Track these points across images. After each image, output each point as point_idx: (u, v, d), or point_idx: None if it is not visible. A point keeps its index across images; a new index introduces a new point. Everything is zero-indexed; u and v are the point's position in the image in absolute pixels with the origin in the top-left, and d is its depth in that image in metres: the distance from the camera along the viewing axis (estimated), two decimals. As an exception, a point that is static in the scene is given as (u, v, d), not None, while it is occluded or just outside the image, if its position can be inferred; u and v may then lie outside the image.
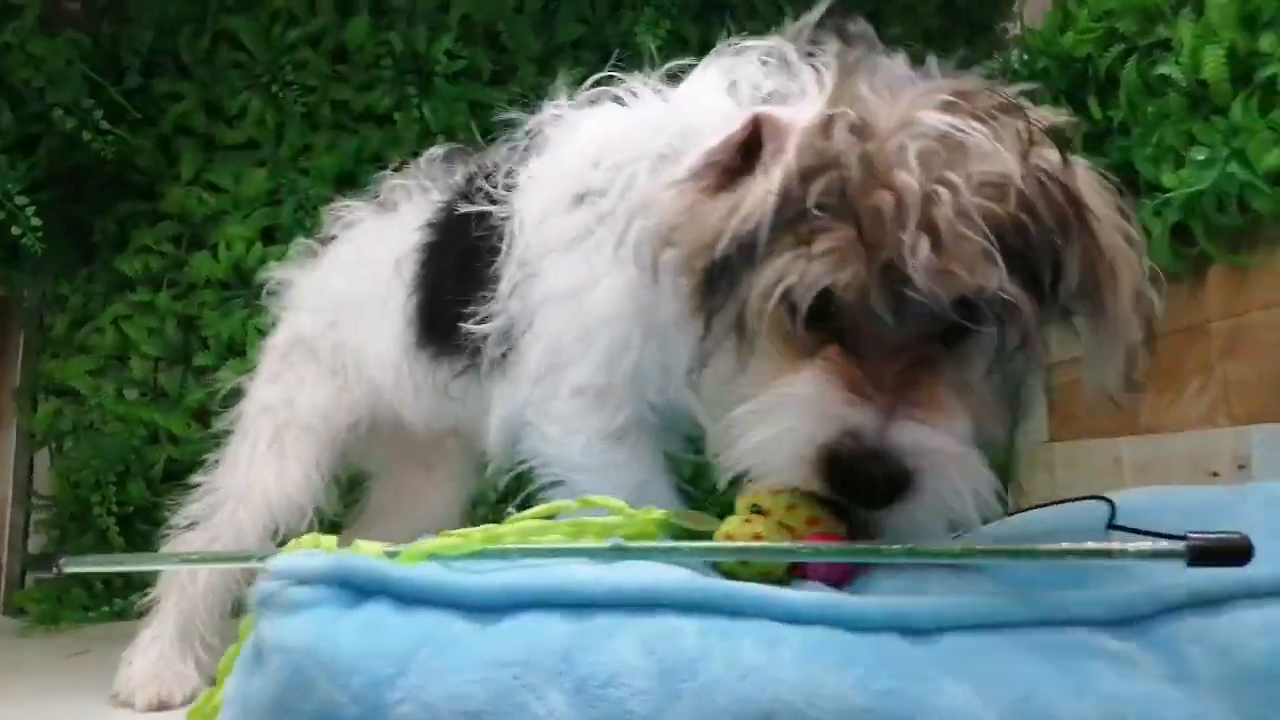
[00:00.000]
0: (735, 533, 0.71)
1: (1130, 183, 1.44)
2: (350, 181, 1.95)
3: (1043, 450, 1.85)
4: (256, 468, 1.28)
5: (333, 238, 1.38)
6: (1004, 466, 1.86)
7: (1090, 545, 0.60)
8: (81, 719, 1.18)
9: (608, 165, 0.91)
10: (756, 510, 0.72)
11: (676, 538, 0.73)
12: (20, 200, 1.78)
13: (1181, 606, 0.60)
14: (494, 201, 1.03)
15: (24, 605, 1.98)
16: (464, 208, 1.07)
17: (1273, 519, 0.72)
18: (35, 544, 2.07)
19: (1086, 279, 0.69)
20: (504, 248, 0.99)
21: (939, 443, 0.67)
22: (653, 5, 2.08)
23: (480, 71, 2.14)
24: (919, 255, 0.64)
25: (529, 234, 0.98)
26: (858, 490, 0.68)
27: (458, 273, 1.06)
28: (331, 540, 0.69)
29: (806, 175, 0.67)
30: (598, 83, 1.01)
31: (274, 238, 2.08)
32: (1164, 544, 0.58)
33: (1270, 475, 1.27)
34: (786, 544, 0.69)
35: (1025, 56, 1.63)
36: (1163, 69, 1.33)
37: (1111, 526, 0.75)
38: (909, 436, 0.66)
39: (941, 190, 0.64)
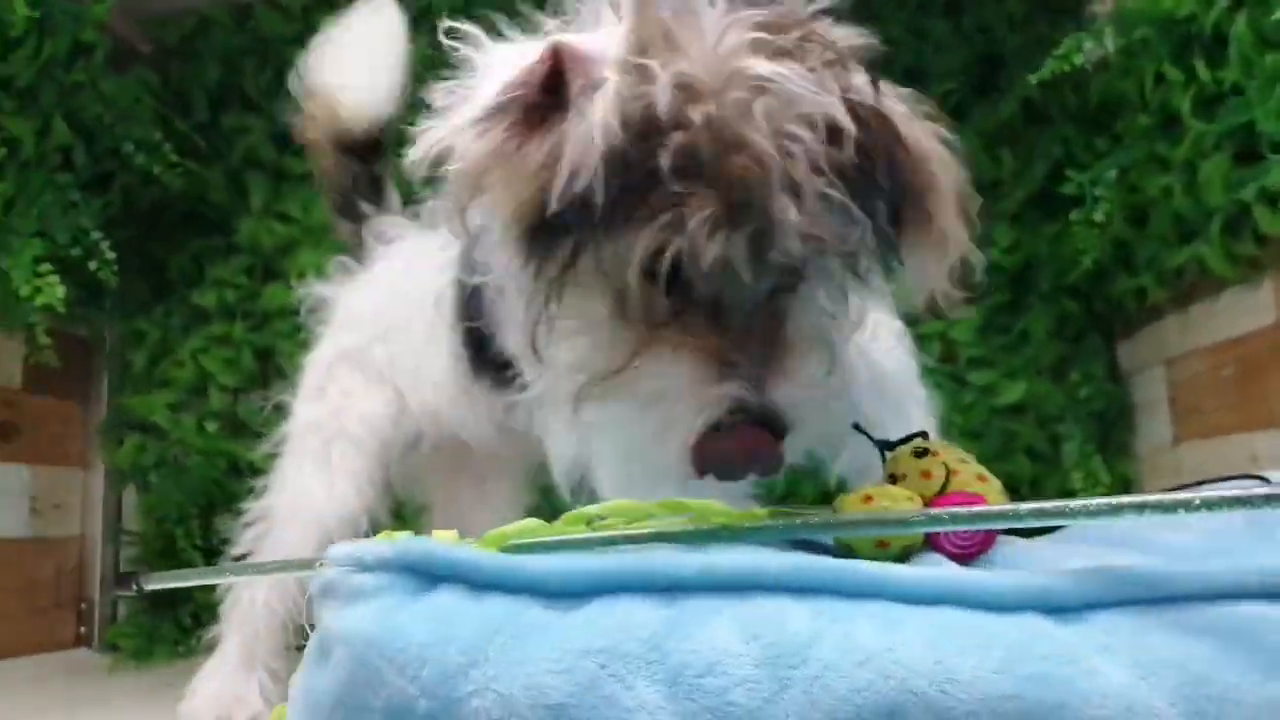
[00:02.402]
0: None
1: (1249, 150, 1.34)
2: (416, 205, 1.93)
3: (1167, 455, 1.70)
4: (304, 486, 1.24)
5: (373, 255, 1.35)
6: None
7: (1172, 496, 0.51)
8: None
9: None
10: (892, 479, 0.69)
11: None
12: (96, 236, 1.79)
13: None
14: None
15: (117, 641, 1.97)
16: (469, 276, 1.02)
17: None
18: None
19: (910, 193, 0.71)
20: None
21: (808, 395, 0.70)
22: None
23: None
24: (789, 218, 0.65)
25: None
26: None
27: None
28: (407, 534, 0.63)
29: (645, 134, 0.64)
30: None
31: (346, 265, 2.06)
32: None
33: None
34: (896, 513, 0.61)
35: (1119, 29, 1.53)
36: (1278, 15, 1.22)
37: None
38: (784, 398, 0.68)
39: (793, 147, 0.65)
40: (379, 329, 1.27)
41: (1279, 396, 1.41)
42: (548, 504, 1.56)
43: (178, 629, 1.94)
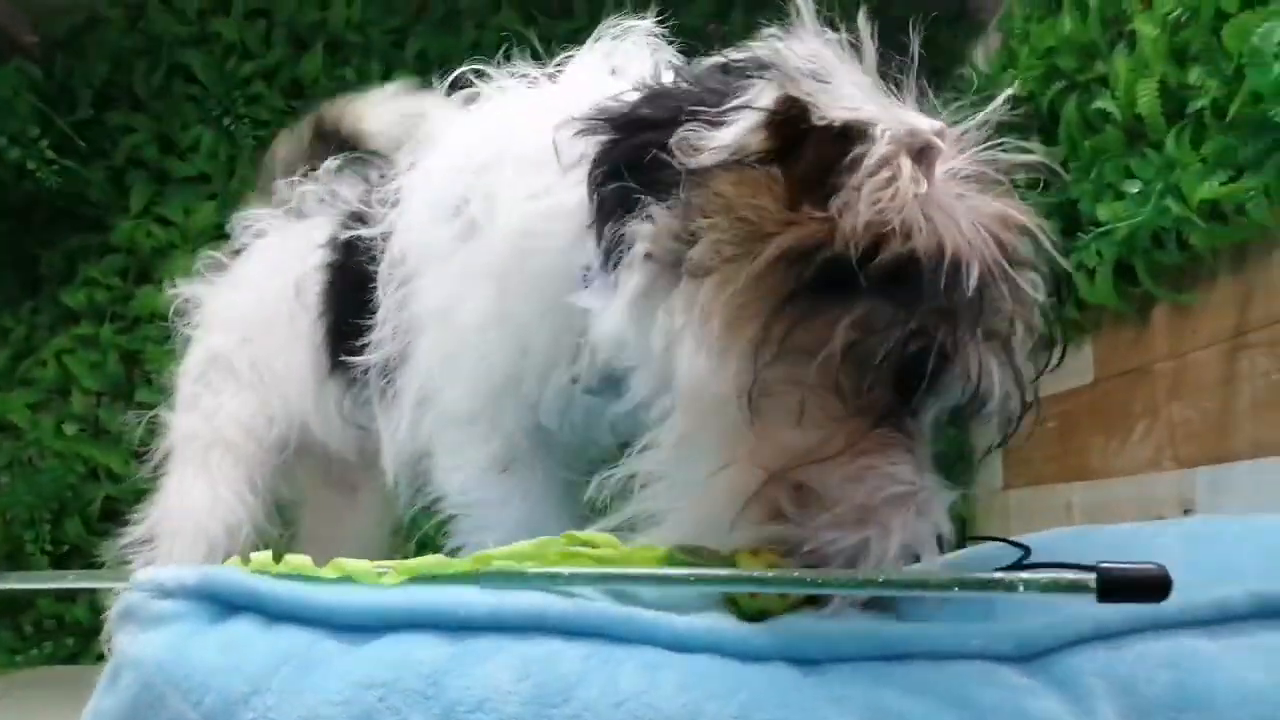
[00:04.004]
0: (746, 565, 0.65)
1: (1074, 222, 1.44)
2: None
3: (998, 498, 1.83)
4: (187, 498, 1.21)
5: (241, 249, 1.31)
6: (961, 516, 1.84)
7: (995, 575, 0.57)
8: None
9: (472, 168, 0.85)
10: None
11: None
12: (-38, 230, 1.75)
13: (1085, 640, 0.57)
14: (377, 220, 0.97)
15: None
16: (351, 229, 1.02)
17: (1187, 552, 0.70)
18: (-35, 582, 2.01)
19: None
20: (383, 266, 0.94)
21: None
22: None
23: (437, 108, 2.14)
24: (1019, 357, 0.65)
25: (405, 251, 0.92)
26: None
27: (353, 296, 1.00)
28: (265, 556, 0.64)
29: (896, 235, 0.60)
30: (479, 75, 0.93)
31: (222, 271, 2.05)
32: (1073, 576, 0.54)
33: (1215, 518, 1.25)
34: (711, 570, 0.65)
35: (975, 98, 1.63)
36: (1100, 104, 1.33)
37: (1020, 566, 0.72)
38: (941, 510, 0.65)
39: (1033, 296, 0.65)
40: (246, 329, 1.25)
41: (1094, 451, 1.51)
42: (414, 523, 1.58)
43: (18, 638, 1.90)
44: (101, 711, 0.56)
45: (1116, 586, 0.53)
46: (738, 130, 0.64)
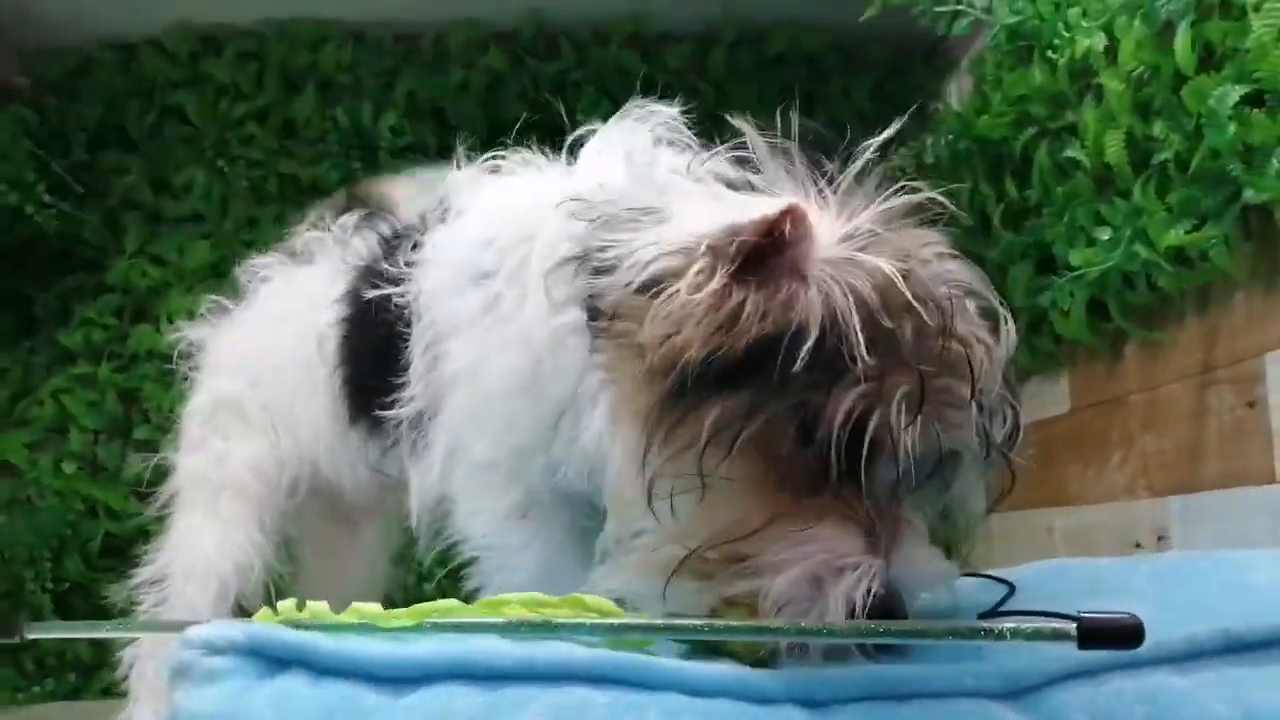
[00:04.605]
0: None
1: (1048, 261, 1.50)
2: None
3: (980, 524, 1.89)
4: (197, 540, 1.24)
5: (248, 293, 1.34)
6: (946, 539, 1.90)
7: (986, 624, 0.62)
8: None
9: (499, 246, 0.90)
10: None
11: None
12: (-40, 274, 1.78)
13: (1068, 677, 0.63)
14: (400, 280, 1.01)
15: (-48, 686, 1.93)
16: (373, 286, 1.06)
17: (1158, 591, 0.75)
18: (-35, 622, 2.02)
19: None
20: (412, 330, 0.99)
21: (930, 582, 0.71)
22: (592, 84, 2.15)
23: (426, 147, 2.19)
24: (972, 411, 0.68)
25: (432, 315, 0.97)
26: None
27: (375, 352, 1.05)
28: (290, 604, 0.69)
29: (861, 311, 0.65)
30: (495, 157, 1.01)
31: (217, 311, 2.08)
32: (1055, 624, 0.59)
33: (1187, 545, 1.31)
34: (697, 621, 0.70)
35: (948, 138, 1.69)
36: (1071, 152, 1.39)
37: (1001, 612, 0.77)
38: (911, 578, 0.68)
39: (983, 344, 0.69)
40: (255, 373, 1.28)
41: (1072, 478, 1.57)
42: (410, 556, 1.61)
43: (20, 675, 1.92)
44: (164, 765, 0.60)
45: (1095, 635, 0.58)
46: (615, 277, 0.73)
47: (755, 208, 0.69)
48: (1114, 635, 0.58)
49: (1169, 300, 1.32)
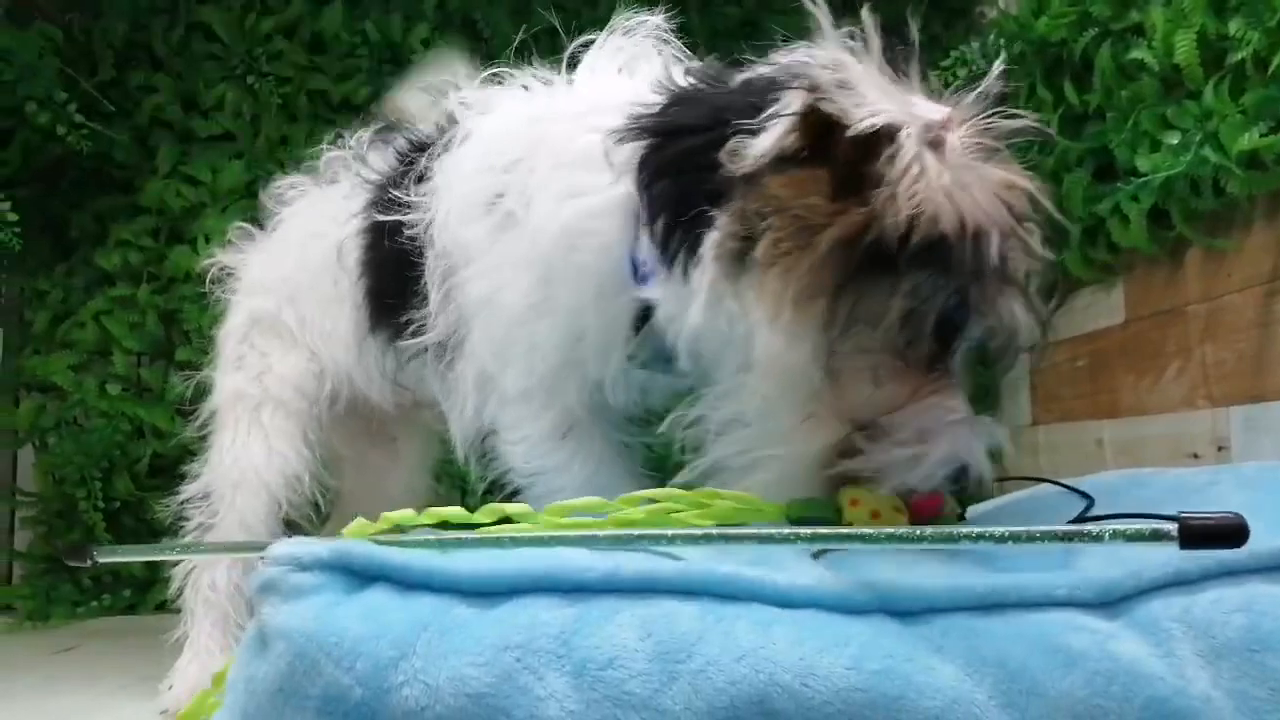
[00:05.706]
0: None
1: (1107, 167, 1.46)
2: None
3: (1026, 433, 1.88)
4: (243, 455, 1.26)
5: (276, 216, 1.36)
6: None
7: (1082, 527, 0.61)
8: (68, 715, 1.18)
9: (504, 165, 0.91)
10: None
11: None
12: (-4, 196, 1.76)
13: (1163, 586, 0.62)
14: (409, 206, 1.02)
15: (11, 602, 1.97)
16: (386, 209, 1.06)
17: (1246, 499, 0.74)
18: (21, 540, 2.06)
19: None
20: (428, 257, 0.99)
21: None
22: (626, -11, 2.09)
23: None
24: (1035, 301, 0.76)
25: (444, 245, 0.98)
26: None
27: (394, 271, 1.06)
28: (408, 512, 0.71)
29: (1009, 230, 0.74)
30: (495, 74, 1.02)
31: (253, 230, 2.07)
32: (1156, 525, 0.58)
33: (1249, 456, 1.29)
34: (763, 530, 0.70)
35: (1002, 41, 1.64)
36: (1136, 53, 1.35)
37: (1088, 518, 0.77)
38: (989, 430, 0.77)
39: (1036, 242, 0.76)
40: (288, 291, 1.29)
41: (1125, 389, 1.55)
42: (450, 472, 1.63)
43: (78, 590, 1.96)
44: (255, 678, 0.60)
45: (1197, 535, 0.57)
46: (775, 136, 0.73)
47: (928, 109, 0.74)
48: (1217, 535, 0.57)
49: (1236, 206, 1.28)
